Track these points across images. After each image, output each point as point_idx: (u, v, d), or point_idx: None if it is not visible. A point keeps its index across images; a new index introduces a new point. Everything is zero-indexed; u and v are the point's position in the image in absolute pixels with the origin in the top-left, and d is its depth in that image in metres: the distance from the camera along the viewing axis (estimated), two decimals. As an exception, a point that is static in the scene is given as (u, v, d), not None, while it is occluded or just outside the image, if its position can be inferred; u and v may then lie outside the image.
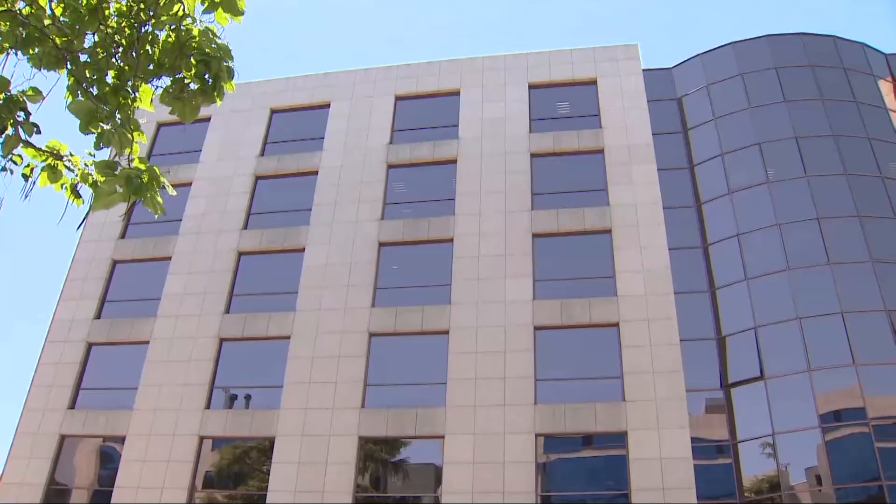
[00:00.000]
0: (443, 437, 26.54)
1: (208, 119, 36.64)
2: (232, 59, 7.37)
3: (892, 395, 25.78)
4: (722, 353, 28.31)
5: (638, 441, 25.45)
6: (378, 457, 27.29)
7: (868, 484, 24.58)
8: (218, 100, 7.45)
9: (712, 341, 28.68)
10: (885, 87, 33.97)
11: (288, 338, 29.51)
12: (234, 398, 29.10)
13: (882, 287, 27.53)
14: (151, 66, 7.37)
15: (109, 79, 7.35)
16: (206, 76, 7.31)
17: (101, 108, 7.04)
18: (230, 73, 7.37)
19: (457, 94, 35.32)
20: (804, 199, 29.88)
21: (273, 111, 36.77)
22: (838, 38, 34.65)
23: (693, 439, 25.83)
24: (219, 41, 7.30)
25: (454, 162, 32.99)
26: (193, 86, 7.40)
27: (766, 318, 28.02)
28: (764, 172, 30.96)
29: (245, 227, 32.96)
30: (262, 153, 35.27)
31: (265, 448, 27.66)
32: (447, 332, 28.55)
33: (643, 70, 35.09)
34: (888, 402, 25.71)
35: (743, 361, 27.68)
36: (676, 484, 24.49)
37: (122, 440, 28.70)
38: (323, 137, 35.07)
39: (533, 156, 32.59)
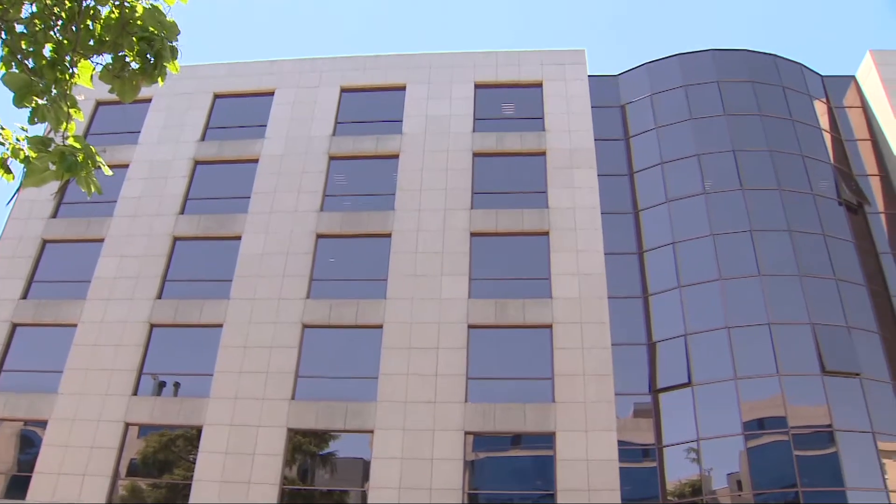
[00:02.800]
0: (372, 432, 26.50)
1: (149, 100, 36.03)
2: (177, 38, 7.22)
3: (812, 406, 26.45)
4: (652, 359, 28.75)
5: (566, 442, 25.74)
6: (306, 449, 27.15)
7: (785, 490, 25.19)
8: (160, 80, 7.31)
9: (643, 346, 29.09)
10: (819, 107, 34.84)
11: (220, 326, 29.17)
12: (162, 385, 28.67)
13: (808, 300, 28.23)
14: (92, 42, 7.21)
15: (47, 52, 7.17)
16: (149, 56, 7.17)
17: (37, 82, 6.87)
18: (174, 54, 7.23)
19: (402, 88, 35.28)
20: (739, 211, 30.47)
21: (216, 96, 36.29)
22: (779, 57, 35.42)
23: (620, 442, 26.22)
24: (165, 18, 7.15)
25: (396, 157, 32.96)
26: (135, 65, 7.24)
27: (697, 325, 28.52)
28: (701, 183, 31.51)
29: (182, 212, 32.48)
30: (203, 138, 34.79)
31: (192, 437, 27.30)
32: (381, 327, 28.52)
33: (589, 76, 35.48)
34: (808, 412, 26.38)
35: (672, 367, 28.13)
36: (602, 485, 24.83)
37: (43, 424, 28.01)
38: (265, 125, 34.75)
39: (475, 155, 32.73)
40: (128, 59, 7.19)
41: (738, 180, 31.24)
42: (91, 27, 7.16)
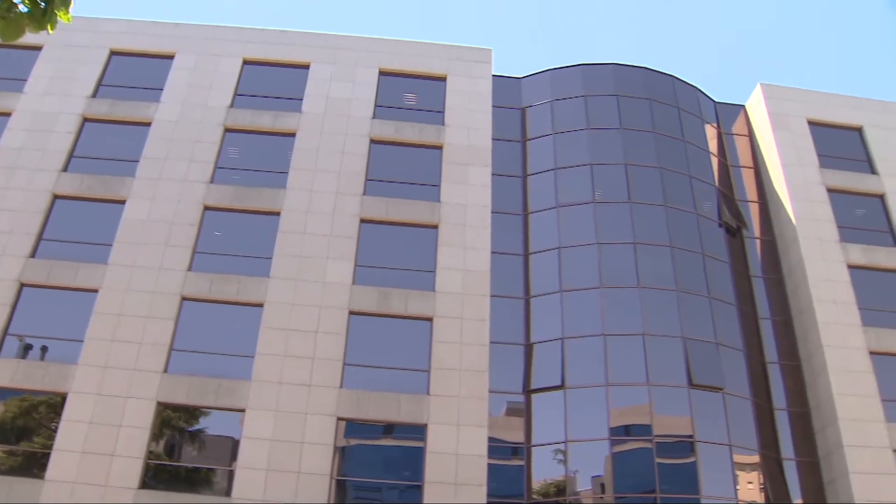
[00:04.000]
0: (243, 411, 26.18)
1: (39, 48, 34.48)
2: (72, -15, 6.88)
3: (676, 416, 27.48)
4: (528, 359, 29.28)
5: (437, 435, 26.00)
6: (175, 424, 26.57)
7: (645, 495, 26.13)
8: (49, 28, 6.95)
9: (520, 347, 29.60)
10: (710, 131, 36.16)
11: (95, 291, 28.23)
12: (28, 348, 27.52)
13: (682, 315, 29.30)
14: (-25, -24, 6.78)
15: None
16: (40, 0, 6.80)
17: None
18: (65, 3, 6.88)
19: (306, 67, 34.86)
20: (624, 223, 31.33)
21: (113, 52, 35.02)
22: (677, 79, 36.53)
23: (490, 439, 26.67)
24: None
25: (293, 135, 32.58)
26: (24, 8, 6.86)
27: (574, 330, 29.20)
28: (591, 192, 32.23)
29: (65, 169, 31.23)
30: (95, 94, 33.53)
31: (56, 404, 26.32)
32: (261, 305, 28.19)
33: (493, 75, 35.80)
34: (672, 422, 27.40)
35: (546, 369, 28.72)
36: (468, 480, 25.19)
37: None
38: (162, 89, 33.75)
39: (372, 141, 32.66)
40: (17, 0, 6.80)
41: (627, 193, 32.10)
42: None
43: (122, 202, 30.44)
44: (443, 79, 35.01)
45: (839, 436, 27.62)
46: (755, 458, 27.86)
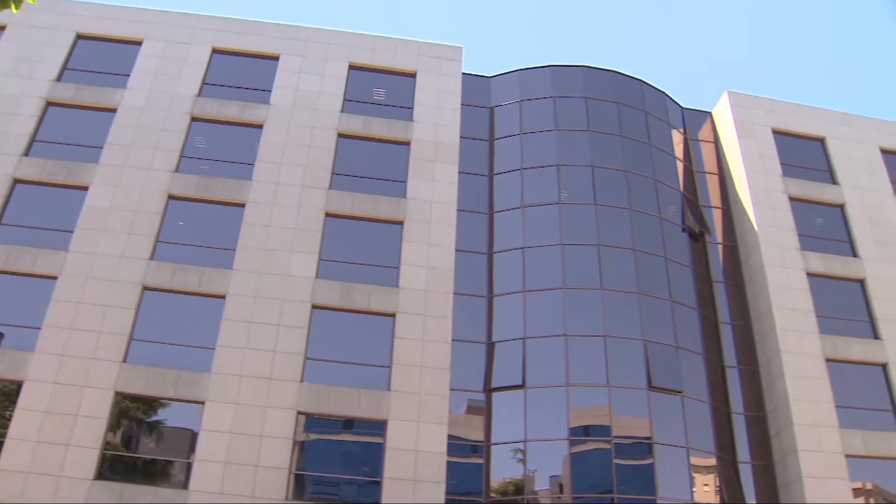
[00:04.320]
0: (203, 403, 25.99)
1: (3, 28, 33.95)
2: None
3: (635, 417, 27.72)
4: (489, 358, 29.38)
5: (397, 431, 26.00)
6: (133, 415, 26.29)
7: (602, 495, 26.31)
8: (14, 7, 6.87)
9: (482, 345, 29.69)
10: (676, 136, 36.51)
11: (55, 278, 27.84)
12: (-16, 334, 27.08)
13: (644, 317, 29.58)
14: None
15: None
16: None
17: None
18: (32, -19, 6.80)
19: (276, 58, 34.69)
20: (589, 224, 31.54)
21: (79, 36, 34.55)
22: (645, 83, 36.83)
23: (450, 436, 26.75)
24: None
25: (260, 126, 32.40)
26: (-11, -15, 6.77)
27: (536, 330, 29.35)
28: (557, 193, 32.40)
29: (26, 153, 30.76)
30: (60, 78, 33.05)
31: (11, 392, 25.92)
32: (223, 297, 28.01)
33: (463, 73, 35.83)
34: (631, 423, 27.63)
35: (507, 368, 28.84)
36: (428, 477, 25.22)
37: None
38: (128, 75, 33.38)
39: (340, 135, 32.60)
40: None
41: (593, 195, 32.31)
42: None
43: (85, 188, 30.05)
44: (412, 75, 35.01)
45: (794, 440, 28.06)
46: (712, 461, 28.20)
